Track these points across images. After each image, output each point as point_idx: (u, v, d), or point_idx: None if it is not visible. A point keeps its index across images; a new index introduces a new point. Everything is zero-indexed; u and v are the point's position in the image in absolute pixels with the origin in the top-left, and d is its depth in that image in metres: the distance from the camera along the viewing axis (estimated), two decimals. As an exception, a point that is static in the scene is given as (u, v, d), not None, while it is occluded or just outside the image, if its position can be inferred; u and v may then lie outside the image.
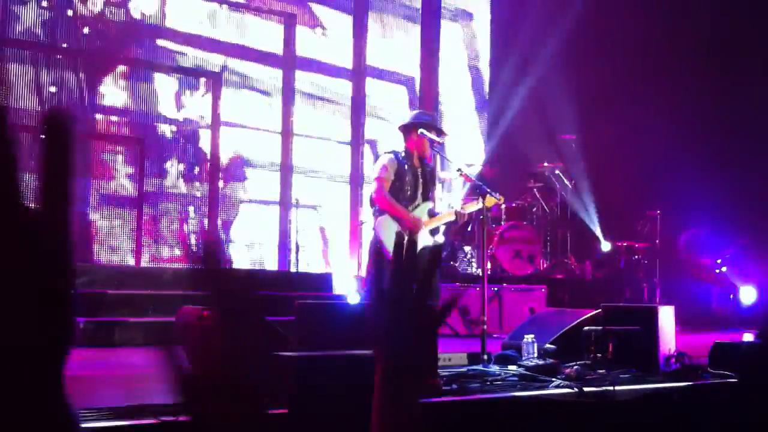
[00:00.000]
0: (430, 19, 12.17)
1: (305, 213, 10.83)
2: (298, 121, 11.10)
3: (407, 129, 6.34)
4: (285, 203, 10.82)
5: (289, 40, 11.06)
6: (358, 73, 11.70)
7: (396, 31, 12.29)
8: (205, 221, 10.18)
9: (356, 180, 11.44)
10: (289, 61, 11.08)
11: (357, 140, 11.53)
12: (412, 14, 12.27)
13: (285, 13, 11.12)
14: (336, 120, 11.54)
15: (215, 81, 10.42)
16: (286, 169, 10.92)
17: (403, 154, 6.29)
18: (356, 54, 11.67)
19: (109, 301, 7.59)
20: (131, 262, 9.49)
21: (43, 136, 0.75)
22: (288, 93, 11.01)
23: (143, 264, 9.53)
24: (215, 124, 10.35)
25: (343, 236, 11.31)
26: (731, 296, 11.52)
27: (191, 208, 10.25)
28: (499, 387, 5.03)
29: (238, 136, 10.64)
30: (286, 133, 10.98)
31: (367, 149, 11.63)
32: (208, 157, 10.35)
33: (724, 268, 11.80)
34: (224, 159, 10.50)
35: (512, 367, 5.53)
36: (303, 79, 11.24)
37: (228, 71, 10.57)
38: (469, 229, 10.15)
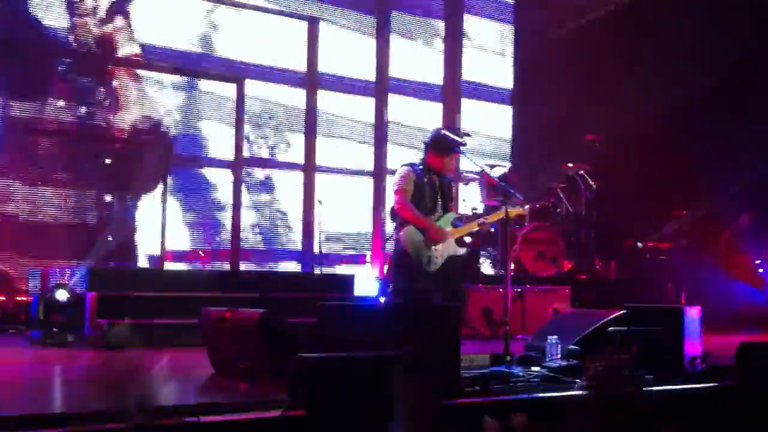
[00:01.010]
0: (452, 14, 12.16)
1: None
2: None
3: (430, 144, 6.36)
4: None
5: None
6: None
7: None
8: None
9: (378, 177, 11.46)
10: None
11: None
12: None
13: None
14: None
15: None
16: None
17: (420, 167, 6.30)
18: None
19: (134, 302, 7.65)
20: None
21: None
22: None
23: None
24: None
25: (365, 237, 11.31)
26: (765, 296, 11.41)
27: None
28: (522, 388, 5.01)
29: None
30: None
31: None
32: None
33: (761, 270, 11.69)
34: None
35: (535, 369, 5.50)
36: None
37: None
38: (492, 230, 10.11)
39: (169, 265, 9.71)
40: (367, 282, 10.61)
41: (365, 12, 11.62)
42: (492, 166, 10.36)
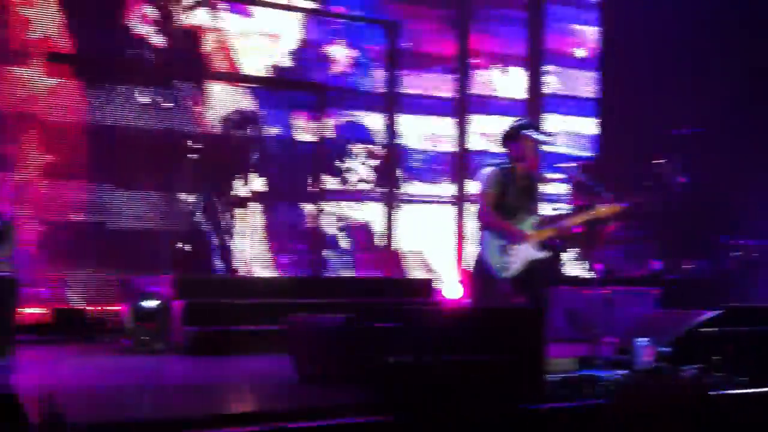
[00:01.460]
0: (535, 8, 11.99)
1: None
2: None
3: (508, 137, 6.22)
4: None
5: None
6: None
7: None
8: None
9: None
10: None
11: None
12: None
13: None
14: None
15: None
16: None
17: (506, 166, 6.17)
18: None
19: (220, 310, 7.76)
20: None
21: None
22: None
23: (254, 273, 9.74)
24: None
25: (446, 240, 11.26)
26: None
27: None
28: (611, 392, 4.89)
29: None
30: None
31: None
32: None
33: None
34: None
35: (625, 372, 5.38)
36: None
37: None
38: (578, 230, 9.93)
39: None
40: (448, 286, 10.57)
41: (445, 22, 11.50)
42: (577, 165, 10.18)
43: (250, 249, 9.91)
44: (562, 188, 10.73)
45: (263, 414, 4.18)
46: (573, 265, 10.46)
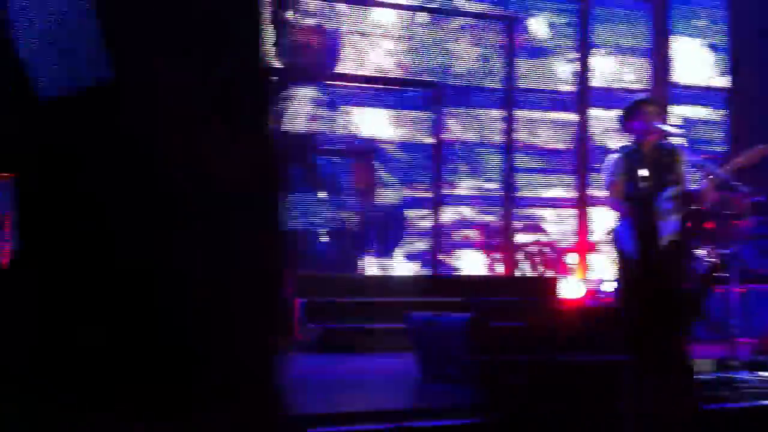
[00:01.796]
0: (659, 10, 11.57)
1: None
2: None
3: (627, 116, 5.96)
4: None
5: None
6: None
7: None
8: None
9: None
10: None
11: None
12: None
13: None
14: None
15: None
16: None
17: (630, 148, 5.92)
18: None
19: (341, 308, 7.80)
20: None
21: None
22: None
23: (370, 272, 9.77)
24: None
25: (568, 238, 11.02)
26: None
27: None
28: (752, 395, 4.68)
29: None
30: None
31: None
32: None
33: None
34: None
35: (765, 374, 5.13)
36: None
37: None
38: (710, 226, 9.54)
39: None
40: (571, 285, 10.34)
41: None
42: (710, 158, 9.78)
43: (371, 247, 9.93)
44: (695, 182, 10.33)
45: (390, 412, 4.16)
46: (704, 262, 10.05)
